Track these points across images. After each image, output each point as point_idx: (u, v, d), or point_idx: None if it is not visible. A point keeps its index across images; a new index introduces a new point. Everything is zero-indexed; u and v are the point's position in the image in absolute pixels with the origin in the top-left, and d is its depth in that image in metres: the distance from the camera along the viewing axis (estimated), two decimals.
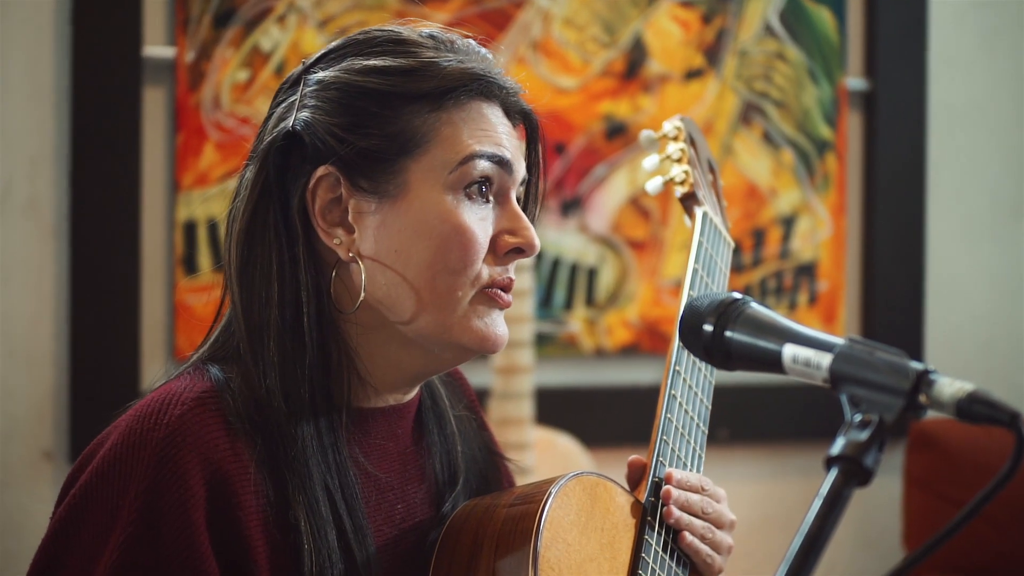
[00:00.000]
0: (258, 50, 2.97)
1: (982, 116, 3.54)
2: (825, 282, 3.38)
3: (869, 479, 1.00)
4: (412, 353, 1.37)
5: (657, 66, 3.24)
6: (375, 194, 1.34)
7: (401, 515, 1.41)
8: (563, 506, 1.38)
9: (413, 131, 1.34)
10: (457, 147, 1.34)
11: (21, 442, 2.86)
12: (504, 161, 1.36)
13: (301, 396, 1.32)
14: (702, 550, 1.48)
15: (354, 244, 1.35)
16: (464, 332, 1.35)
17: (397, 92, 1.34)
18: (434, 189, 1.34)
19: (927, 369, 1.02)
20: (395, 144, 1.34)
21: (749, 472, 3.33)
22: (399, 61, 1.36)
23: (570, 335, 3.21)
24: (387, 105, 1.34)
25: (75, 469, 1.31)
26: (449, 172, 1.34)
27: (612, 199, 3.22)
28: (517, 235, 1.37)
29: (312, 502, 1.30)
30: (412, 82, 1.35)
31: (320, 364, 1.34)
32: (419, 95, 1.35)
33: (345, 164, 1.34)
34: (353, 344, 1.36)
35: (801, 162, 3.36)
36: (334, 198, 1.35)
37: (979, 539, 3.11)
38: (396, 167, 1.34)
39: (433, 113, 1.35)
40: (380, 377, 1.38)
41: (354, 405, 1.37)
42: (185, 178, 2.93)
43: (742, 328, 1.13)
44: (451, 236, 1.33)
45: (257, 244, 1.35)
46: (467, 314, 1.35)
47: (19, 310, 2.87)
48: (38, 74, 2.88)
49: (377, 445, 1.40)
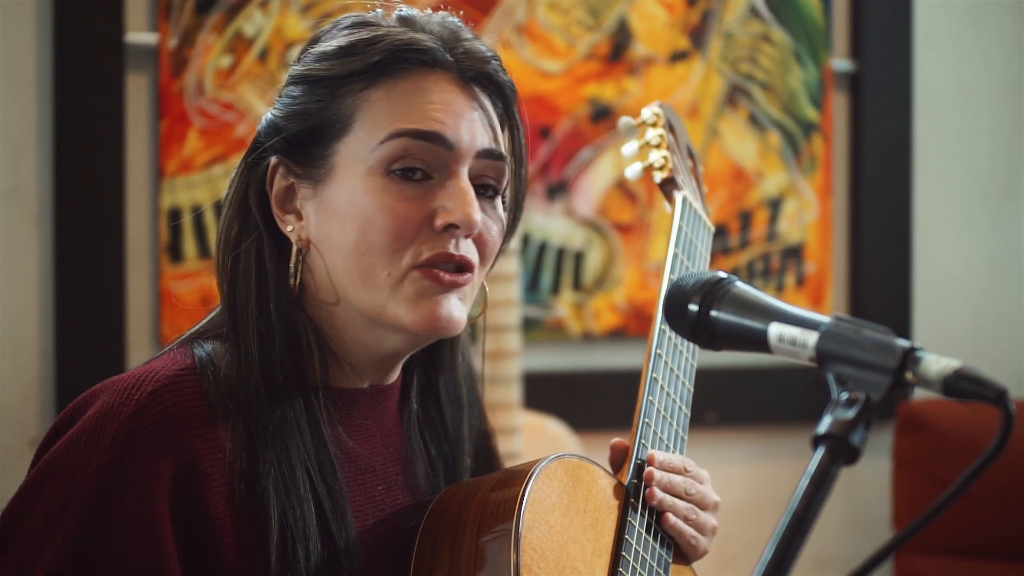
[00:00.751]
0: (241, 36, 2.96)
1: (969, 97, 3.54)
2: (812, 264, 3.38)
3: (856, 457, 1.00)
4: (371, 334, 1.37)
5: (642, 49, 3.23)
6: (310, 180, 1.35)
7: (381, 496, 1.41)
8: (545, 488, 1.37)
9: (342, 112, 1.33)
10: (379, 126, 1.32)
11: (7, 430, 2.85)
12: (434, 135, 1.32)
13: (276, 378, 1.33)
14: (686, 531, 1.47)
15: (303, 230, 1.36)
16: (400, 313, 1.33)
17: (332, 75, 1.34)
18: (358, 170, 1.32)
19: (913, 346, 1.01)
20: (323, 128, 1.34)
21: (738, 454, 3.33)
22: (338, 42, 1.35)
23: (557, 319, 3.20)
24: (324, 89, 1.34)
25: (50, 434, 1.32)
26: (371, 152, 1.32)
27: (598, 183, 3.21)
28: (450, 211, 1.31)
29: (289, 480, 1.30)
30: (345, 62, 1.34)
31: (289, 349, 1.35)
32: (351, 74, 1.33)
33: (284, 152, 1.36)
34: (321, 326, 1.37)
35: (787, 144, 3.35)
36: (288, 186, 1.37)
37: (972, 521, 3.11)
38: (325, 151, 1.34)
39: (364, 91, 1.33)
40: (355, 357, 1.38)
41: (334, 386, 1.38)
42: (169, 165, 2.91)
43: (728, 307, 1.13)
44: (373, 216, 1.31)
45: (241, 237, 1.38)
46: (401, 294, 1.32)
47: (3, 298, 2.85)
48: (20, 61, 2.86)
49: (359, 425, 1.40)
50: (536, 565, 1.33)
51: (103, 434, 1.26)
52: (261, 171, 1.38)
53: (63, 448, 1.27)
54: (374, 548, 1.39)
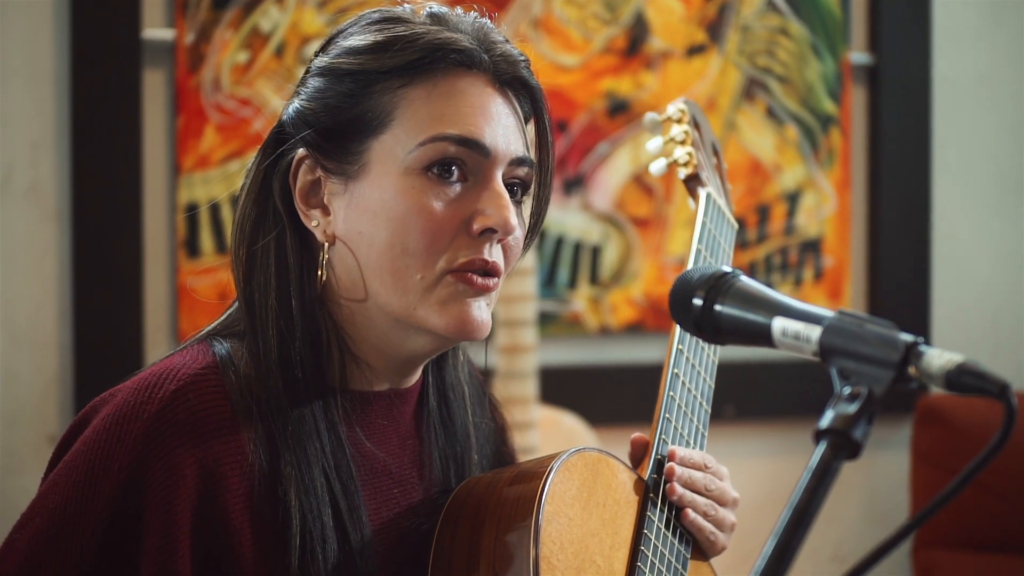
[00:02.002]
0: (257, 31, 2.96)
1: (987, 90, 3.52)
2: (830, 258, 3.37)
3: (858, 452, 1.00)
4: (396, 335, 1.36)
5: (659, 42, 3.23)
6: (341, 175, 1.33)
7: (397, 499, 1.41)
8: (565, 481, 1.37)
9: (379, 109, 1.31)
10: (419, 127, 1.31)
11: (26, 427, 2.86)
12: (474, 143, 1.31)
13: (296, 376, 1.32)
14: (705, 527, 1.47)
15: (329, 226, 1.34)
16: (430, 316, 1.32)
17: (366, 70, 1.32)
18: (394, 169, 1.31)
19: (916, 341, 1.01)
20: (359, 123, 1.32)
21: (755, 449, 3.32)
22: (376, 38, 1.33)
23: (574, 314, 3.20)
24: (357, 84, 1.32)
25: (68, 433, 1.31)
26: (409, 152, 1.30)
27: (615, 177, 3.21)
28: (488, 215, 1.31)
29: (308, 481, 1.30)
30: (381, 58, 1.32)
31: (310, 346, 1.33)
32: (387, 70, 1.31)
33: (315, 146, 1.34)
34: (343, 325, 1.36)
35: (805, 138, 3.34)
36: (314, 180, 1.35)
37: (991, 515, 3.10)
38: (360, 147, 1.32)
39: (402, 89, 1.32)
40: (373, 359, 1.37)
41: (352, 388, 1.37)
42: (186, 161, 2.92)
43: (732, 301, 1.12)
44: (408, 217, 1.30)
45: (259, 232, 1.35)
46: (433, 298, 1.32)
47: (22, 295, 2.87)
48: (38, 59, 2.87)
49: (377, 428, 1.39)
50: (555, 558, 1.33)
51: (125, 433, 1.25)
52: (285, 164, 1.35)
53: (82, 448, 1.26)
54: (389, 550, 1.38)
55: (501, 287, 1.38)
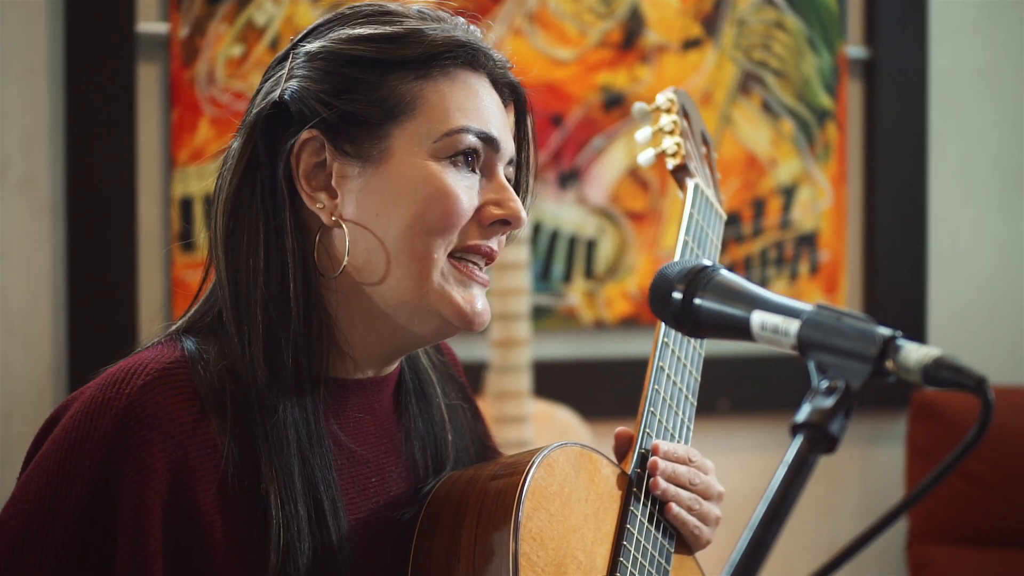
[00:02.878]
0: (252, 25, 2.96)
1: (984, 84, 3.52)
2: (826, 252, 3.37)
3: (835, 446, 0.99)
4: (391, 325, 1.36)
5: (654, 36, 3.22)
6: (358, 158, 1.34)
7: (375, 488, 1.41)
8: (546, 476, 1.37)
9: (399, 97, 1.34)
10: (444, 118, 1.35)
11: (20, 419, 2.87)
12: (490, 139, 1.37)
13: (284, 363, 1.32)
14: (689, 521, 1.47)
15: (337, 208, 1.35)
16: (441, 300, 1.34)
17: (383, 58, 1.35)
18: (418, 155, 1.34)
19: (894, 335, 1.01)
20: (380, 109, 1.34)
21: (749, 442, 3.32)
22: (385, 29, 1.36)
23: (569, 308, 3.20)
24: (373, 71, 1.35)
25: (39, 434, 1.31)
26: (434, 141, 1.34)
27: (610, 170, 3.20)
28: (502, 206, 1.37)
29: (286, 474, 1.30)
30: (398, 48, 1.35)
31: (305, 333, 1.33)
32: (405, 61, 1.35)
33: (329, 128, 1.35)
34: (333, 313, 1.36)
35: (801, 131, 3.34)
36: (318, 162, 1.35)
37: (986, 509, 3.10)
38: (380, 132, 1.34)
39: (419, 80, 1.35)
40: (359, 348, 1.37)
41: (333, 375, 1.37)
42: (180, 154, 2.92)
43: (711, 295, 1.13)
44: (434, 197, 1.33)
45: (244, 213, 1.35)
46: (443, 282, 1.34)
47: (16, 288, 2.87)
48: (32, 51, 2.87)
49: (353, 417, 1.40)
50: (535, 554, 1.32)
51: (95, 430, 1.25)
52: (287, 145, 1.35)
53: (52, 448, 1.26)
54: (368, 540, 1.38)
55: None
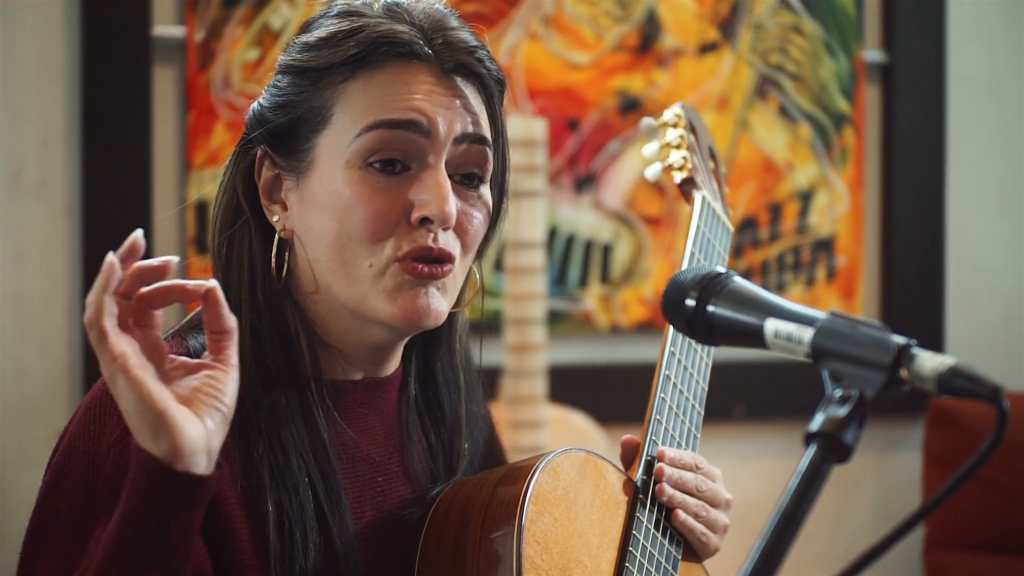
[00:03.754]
0: (268, 28, 2.96)
1: (1003, 88, 3.50)
2: (843, 257, 3.35)
3: (848, 456, 0.99)
4: (354, 325, 1.37)
5: (671, 40, 3.21)
6: (292, 172, 1.36)
7: (381, 488, 1.41)
8: (550, 481, 1.37)
9: (321, 104, 1.34)
10: (355, 119, 1.32)
11: (37, 422, 2.87)
12: (411, 123, 1.31)
13: (269, 374, 1.33)
14: (696, 528, 1.46)
15: (287, 220, 1.37)
16: (379, 306, 1.33)
17: (313, 66, 1.34)
18: (337, 163, 1.33)
19: (908, 343, 1.00)
20: (305, 120, 1.34)
21: (765, 448, 3.31)
22: (320, 33, 1.35)
23: (585, 312, 3.19)
24: (306, 79, 1.35)
25: (59, 438, 1.32)
26: (348, 146, 1.32)
27: (626, 175, 3.20)
28: (426, 205, 1.31)
29: (284, 469, 1.31)
30: (327, 53, 1.34)
31: (279, 338, 1.35)
32: (331, 66, 1.33)
33: (269, 143, 1.36)
34: (309, 316, 1.38)
35: (818, 136, 3.33)
36: (274, 176, 1.37)
37: (1002, 516, 3.09)
38: (306, 144, 1.34)
39: (343, 83, 1.33)
40: (345, 346, 1.39)
41: (329, 378, 1.38)
42: (196, 157, 2.92)
43: (725, 302, 1.12)
44: (351, 208, 1.31)
45: (232, 225, 1.39)
46: (381, 287, 1.32)
47: (33, 291, 2.87)
48: (48, 55, 2.87)
49: (357, 417, 1.40)
50: (539, 557, 1.32)
51: (108, 417, 1.26)
52: (249, 161, 1.38)
53: (70, 444, 1.28)
54: (374, 540, 1.38)
55: (461, 272, 1.38)
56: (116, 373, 1.12)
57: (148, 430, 1.12)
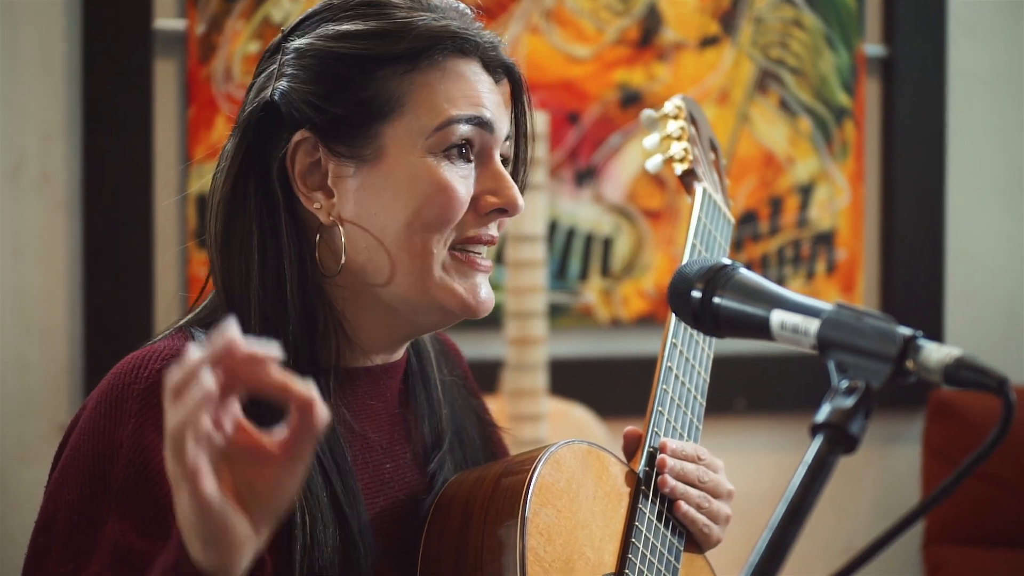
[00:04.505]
0: (269, 22, 2.96)
1: (1003, 82, 3.50)
2: (843, 251, 3.36)
3: (855, 447, 0.99)
4: (397, 315, 1.37)
5: (672, 34, 3.21)
6: (352, 159, 1.34)
7: (390, 474, 1.41)
8: (553, 473, 1.37)
9: (388, 95, 1.34)
10: (434, 111, 1.34)
11: (37, 416, 2.87)
12: (484, 122, 1.36)
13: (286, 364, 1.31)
14: (698, 519, 1.46)
15: (334, 208, 1.35)
16: (444, 293, 1.35)
17: (370, 55, 1.34)
18: (412, 152, 1.34)
19: (914, 334, 1.00)
20: (369, 109, 1.34)
21: (766, 442, 3.31)
22: (371, 24, 1.35)
23: (585, 306, 3.19)
24: (361, 69, 1.34)
25: (66, 432, 1.31)
26: (427, 137, 1.34)
27: (627, 168, 3.20)
28: (499, 195, 1.37)
29: None
30: (385, 44, 1.34)
31: (305, 330, 1.34)
32: (392, 57, 1.34)
33: (321, 130, 1.34)
34: (340, 307, 1.37)
35: (819, 130, 3.33)
36: (313, 162, 1.35)
37: (1002, 510, 3.09)
38: (372, 132, 1.34)
39: (407, 75, 1.34)
40: (367, 338, 1.39)
41: (341, 365, 1.38)
42: (197, 151, 2.92)
43: (730, 294, 1.12)
44: (432, 193, 1.33)
45: (238, 215, 1.35)
46: (445, 275, 1.35)
47: (33, 285, 2.87)
48: (49, 48, 2.87)
49: (365, 404, 1.40)
50: (542, 549, 1.33)
51: (120, 412, 1.25)
52: (282, 145, 1.35)
53: (81, 438, 1.27)
54: (386, 526, 1.39)
55: None
56: (182, 483, 1.00)
57: (200, 541, 1.02)
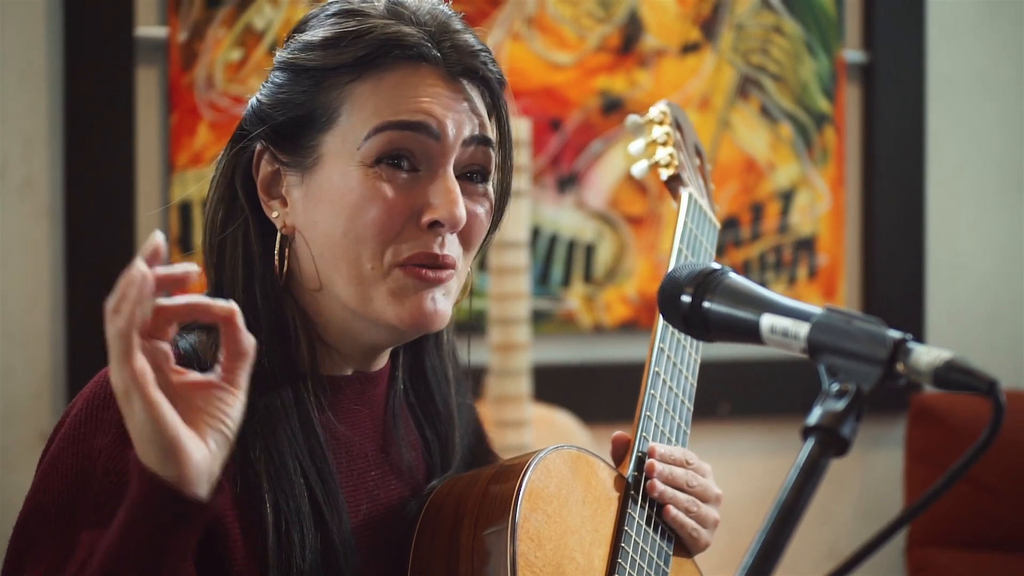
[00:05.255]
0: (251, 29, 2.96)
1: (983, 87, 3.52)
2: (825, 256, 3.37)
3: (846, 449, 1.00)
4: (356, 325, 1.37)
5: (653, 40, 3.22)
6: (297, 168, 1.36)
7: (375, 482, 1.41)
8: (543, 478, 1.37)
9: (328, 104, 1.34)
10: (367, 118, 1.32)
11: (20, 423, 2.86)
12: (421, 126, 1.32)
13: (263, 371, 1.31)
14: (687, 524, 1.47)
15: (288, 216, 1.36)
16: (384, 309, 1.33)
17: (318, 66, 1.34)
18: (347, 162, 1.33)
19: (904, 337, 1.01)
20: (310, 118, 1.34)
21: (751, 446, 3.32)
22: (325, 33, 1.35)
23: (568, 312, 3.20)
24: (310, 79, 1.35)
25: (49, 438, 1.31)
26: (358, 147, 1.32)
27: (609, 175, 3.21)
28: (436, 208, 1.32)
29: (280, 468, 1.30)
30: (333, 54, 1.34)
31: (276, 334, 1.35)
32: (338, 66, 1.33)
33: (272, 139, 1.36)
34: (309, 313, 1.37)
35: (799, 136, 3.34)
36: (274, 171, 1.37)
37: (987, 513, 3.10)
38: (312, 141, 1.34)
39: (351, 84, 1.33)
40: (341, 344, 1.39)
41: (322, 373, 1.38)
42: (179, 158, 2.92)
43: (720, 298, 1.13)
44: (362, 205, 1.31)
45: (226, 222, 1.38)
46: (385, 289, 1.33)
47: (15, 291, 2.86)
48: (31, 55, 2.87)
49: (349, 412, 1.40)
50: (533, 554, 1.33)
51: (100, 421, 1.25)
52: (247, 156, 1.38)
53: (61, 446, 1.27)
54: (370, 535, 1.39)
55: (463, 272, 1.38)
56: (133, 392, 1.07)
57: (156, 453, 1.09)
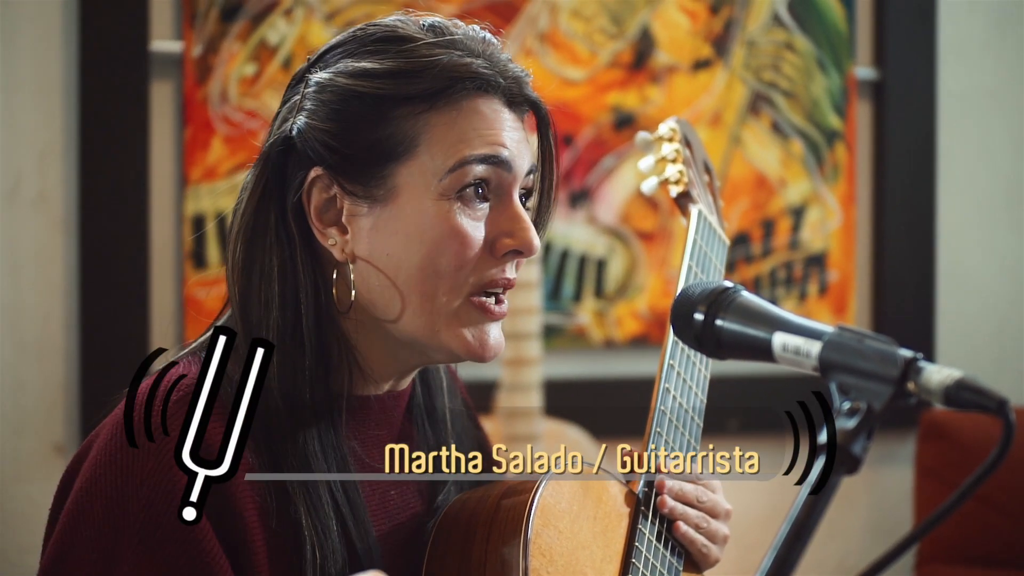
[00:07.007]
0: (265, 44, 2.98)
1: (993, 104, 3.53)
2: (835, 272, 3.38)
3: (857, 467, 1.00)
4: (408, 350, 1.38)
5: (665, 57, 3.24)
6: (366, 198, 1.34)
7: (395, 502, 1.42)
8: (554, 494, 1.38)
9: (402, 135, 1.33)
10: (448, 152, 1.33)
11: (32, 435, 2.87)
12: (500, 160, 1.34)
13: (301, 395, 1.32)
14: (697, 540, 1.48)
15: (348, 245, 1.35)
16: (453, 338, 1.35)
17: (386, 95, 1.33)
18: (425, 194, 1.33)
19: (915, 356, 1.02)
20: (383, 149, 1.33)
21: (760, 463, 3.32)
22: (389, 63, 1.34)
23: (579, 327, 3.21)
24: (376, 109, 1.33)
25: (73, 462, 1.31)
26: (440, 179, 1.33)
27: (621, 190, 3.22)
28: (514, 237, 1.35)
29: (313, 495, 1.31)
30: (402, 84, 1.33)
31: (320, 361, 1.34)
32: (409, 97, 1.33)
33: (335, 168, 1.34)
34: (353, 340, 1.37)
35: (810, 152, 3.35)
36: (329, 198, 1.35)
37: (994, 529, 3.10)
38: (386, 172, 1.33)
39: (424, 115, 1.33)
40: (378, 368, 1.39)
41: (352, 393, 1.38)
42: (193, 172, 2.93)
43: (733, 317, 1.14)
44: (443, 240, 1.32)
45: (257, 246, 1.36)
46: (455, 320, 1.34)
47: (30, 304, 2.88)
48: (46, 69, 2.88)
49: (372, 433, 1.41)
50: (545, 570, 1.34)
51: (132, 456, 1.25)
52: (298, 181, 1.36)
53: (90, 484, 1.27)
54: (392, 555, 1.40)
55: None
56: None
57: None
